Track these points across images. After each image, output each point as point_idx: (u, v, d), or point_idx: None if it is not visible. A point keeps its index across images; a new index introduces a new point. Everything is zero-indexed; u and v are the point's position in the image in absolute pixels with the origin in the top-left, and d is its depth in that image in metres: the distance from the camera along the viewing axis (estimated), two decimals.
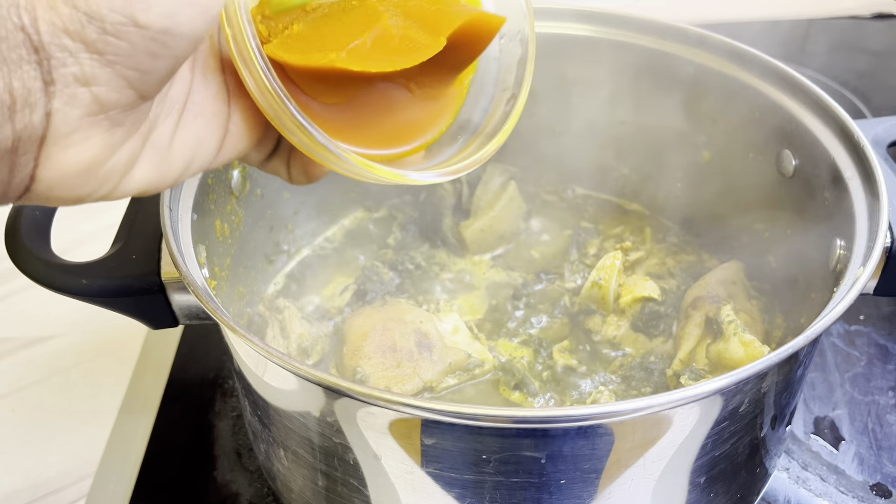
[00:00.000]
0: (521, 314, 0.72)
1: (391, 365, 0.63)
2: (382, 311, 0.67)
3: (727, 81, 0.70)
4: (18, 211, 0.58)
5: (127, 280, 0.55)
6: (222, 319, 0.47)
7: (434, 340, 0.65)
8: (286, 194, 0.77)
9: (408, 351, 0.63)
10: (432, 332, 0.65)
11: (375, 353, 0.63)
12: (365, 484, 0.52)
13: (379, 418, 0.46)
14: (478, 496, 0.49)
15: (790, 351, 0.45)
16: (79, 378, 0.79)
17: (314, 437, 0.52)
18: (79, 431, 0.73)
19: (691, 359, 0.64)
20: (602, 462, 0.47)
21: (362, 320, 0.67)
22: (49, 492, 0.69)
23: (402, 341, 0.64)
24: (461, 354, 0.65)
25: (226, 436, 0.71)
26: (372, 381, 0.62)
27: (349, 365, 0.64)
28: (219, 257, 0.65)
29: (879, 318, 0.81)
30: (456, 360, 0.65)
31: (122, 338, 0.81)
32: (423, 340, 0.64)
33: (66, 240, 0.93)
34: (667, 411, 0.45)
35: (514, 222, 0.78)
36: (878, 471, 0.68)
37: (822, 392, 0.74)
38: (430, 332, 0.65)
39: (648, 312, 0.68)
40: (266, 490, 0.67)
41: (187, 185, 0.60)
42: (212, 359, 0.78)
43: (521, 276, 0.76)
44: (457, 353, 0.65)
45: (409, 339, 0.64)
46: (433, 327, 0.66)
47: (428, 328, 0.65)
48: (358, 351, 0.64)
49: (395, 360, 0.63)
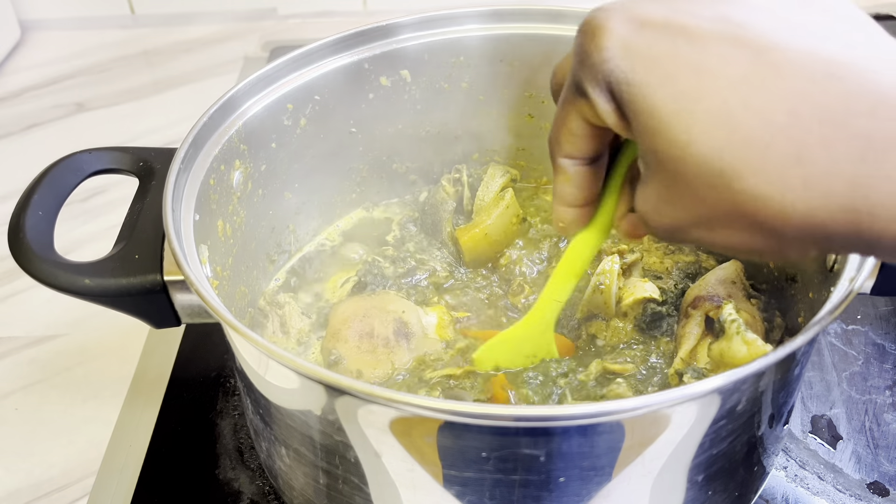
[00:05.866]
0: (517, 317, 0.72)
1: (366, 350, 0.65)
2: (368, 300, 0.70)
3: None
4: (21, 211, 0.59)
5: (129, 280, 0.55)
6: (224, 319, 0.48)
7: (414, 330, 0.67)
8: (287, 195, 0.77)
9: (384, 338, 0.65)
10: (413, 323, 0.67)
11: (353, 338, 0.66)
12: (366, 481, 0.52)
13: (380, 416, 0.46)
14: (478, 493, 0.49)
15: (788, 350, 0.46)
16: (81, 377, 0.79)
17: (315, 435, 0.52)
18: (81, 430, 0.74)
19: (692, 358, 0.64)
20: (601, 460, 0.47)
21: (346, 307, 0.69)
22: (52, 490, 0.69)
23: (380, 328, 0.66)
24: (437, 345, 0.67)
25: (227, 434, 0.72)
26: (345, 362, 0.64)
27: (326, 347, 0.66)
28: (221, 257, 0.65)
29: (876, 318, 0.81)
30: (433, 351, 0.66)
31: (124, 337, 0.82)
32: (401, 329, 0.66)
33: (69, 240, 0.94)
34: (665, 410, 0.45)
35: (509, 229, 0.78)
36: (876, 469, 0.68)
37: (819, 391, 0.75)
38: (410, 321, 0.67)
39: (651, 313, 0.68)
40: (268, 488, 0.67)
41: (189, 186, 0.61)
42: (213, 358, 0.78)
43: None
44: (434, 343, 0.67)
45: (388, 326, 0.66)
46: (415, 318, 0.68)
47: (409, 318, 0.67)
48: (336, 334, 0.66)
49: (371, 345, 0.65)
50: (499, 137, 0.84)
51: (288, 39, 1.32)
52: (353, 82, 0.76)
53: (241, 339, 0.48)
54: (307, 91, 0.73)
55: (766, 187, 0.36)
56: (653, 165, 0.40)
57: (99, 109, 1.19)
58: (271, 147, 0.72)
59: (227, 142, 0.66)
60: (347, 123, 0.79)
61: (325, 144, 0.78)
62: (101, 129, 1.14)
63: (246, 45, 1.32)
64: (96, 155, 0.63)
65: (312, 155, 0.77)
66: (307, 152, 0.77)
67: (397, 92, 0.79)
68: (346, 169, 0.82)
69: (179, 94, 1.22)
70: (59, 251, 0.57)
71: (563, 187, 0.49)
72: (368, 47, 0.75)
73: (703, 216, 0.40)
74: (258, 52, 1.30)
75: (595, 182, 0.50)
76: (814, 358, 0.77)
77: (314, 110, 0.75)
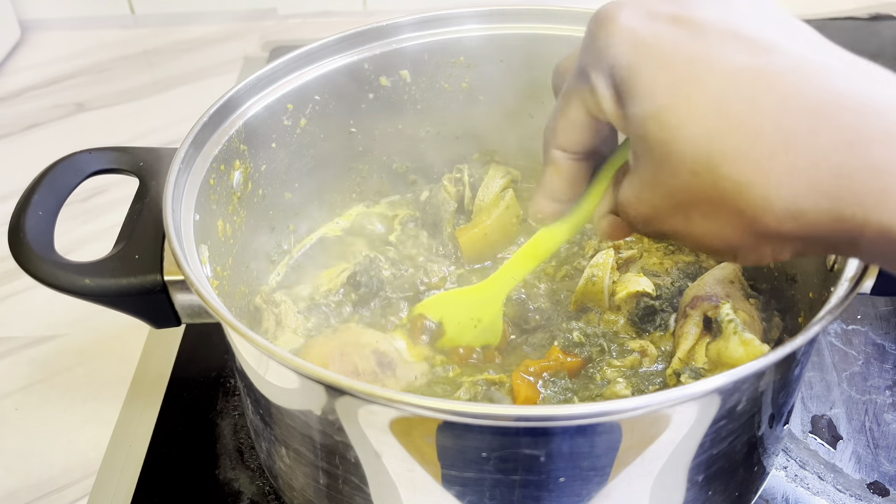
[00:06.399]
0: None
1: None
2: (335, 337, 0.67)
3: None
4: (21, 211, 0.59)
5: (130, 280, 0.55)
6: (225, 319, 0.48)
7: (393, 357, 0.65)
8: (287, 195, 0.77)
9: (371, 372, 0.63)
10: (390, 350, 0.65)
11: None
12: (366, 482, 0.52)
13: (380, 416, 0.46)
14: (478, 493, 0.49)
15: (788, 350, 0.46)
16: (81, 377, 0.79)
17: (315, 435, 0.52)
18: (81, 430, 0.74)
19: (690, 357, 0.64)
20: (601, 460, 0.47)
21: (318, 350, 0.66)
22: (52, 490, 0.69)
23: (362, 363, 0.64)
24: (421, 367, 0.67)
25: (228, 434, 0.72)
26: None
27: None
28: (221, 257, 0.65)
29: (876, 318, 0.81)
30: (420, 372, 0.66)
31: (124, 337, 0.82)
32: (382, 359, 0.64)
33: (69, 240, 0.94)
34: (665, 410, 0.45)
35: (509, 229, 0.78)
36: (876, 469, 0.68)
37: (819, 391, 0.75)
38: (387, 350, 0.65)
39: (644, 308, 0.69)
40: (268, 488, 0.67)
41: (189, 186, 0.61)
42: (214, 358, 0.78)
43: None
44: (417, 366, 0.66)
45: (370, 360, 0.64)
46: (389, 345, 0.66)
47: (385, 347, 0.65)
48: None
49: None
50: (499, 137, 0.84)
51: (288, 39, 1.32)
52: (353, 82, 0.76)
53: (241, 339, 0.48)
54: (307, 91, 0.73)
55: (751, 174, 0.37)
56: (641, 153, 0.42)
57: (99, 109, 1.19)
58: (271, 147, 0.72)
59: (227, 142, 0.66)
60: (347, 123, 0.79)
61: (325, 144, 0.78)
62: (101, 129, 1.14)
63: (246, 45, 1.32)
64: (96, 155, 0.63)
65: (312, 155, 0.77)
66: (307, 152, 0.77)
67: (397, 92, 0.79)
68: (346, 169, 0.82)
69: (179, 94, 1.22)
70: (59, 251, 0.57)
71: (552, 179, 0.51)
72: (368, 47, 0.75)
73: (683, 203, 0.41)
74: (258, 52, 1.30)
75: (581, 180, 0.51)
76: (814, 358, 0.77)
77: (314, 110, 0.75)
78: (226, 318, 0.48)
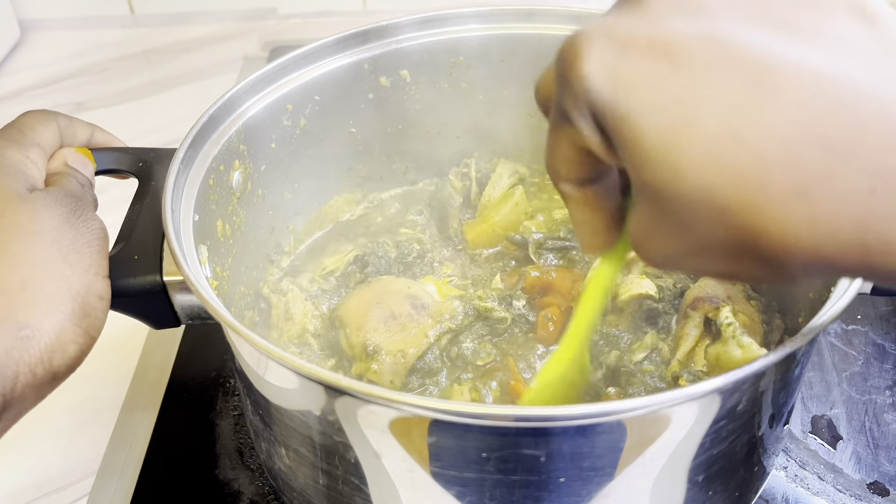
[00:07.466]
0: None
1: (397, 330, 0.66)
2: (370, 288, 0.70)
3: None
4: None
5: (129, 280, 0.55)
6: (224, 319, 0.48)
7: (425, 300, 0.68)
8: (287, 195, 0.77)
9: (407, 314, 0.67)
10: (422, 293, 0.69)
11: (379, 325, 0.66)
12: (366, 482, 0.52)
13: (380, 417, 0.46)
14: (478, 494, 0.49)
15: (788, 350, 0.46)
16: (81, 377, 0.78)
17: (315, 435, 0.52)
18: (81, 430, 0.74)
19: (690, 359, 0.64)
20: (601, 460, 0.47)
21: (355, 301, 0.69)
22: (51, 490, 0.69)
23: (398, 307, 0.67)
24: (452, 304, 0.69)
25: (227, 434, 0.72)
26: (384, 349, 0.64)
27: (357, 343, 0.66)
28: (220, 257, 0.65)
29: (876, 318, 0.81)
30: (451, 311, 0.68)
31: (123, 337, 0.82)
32: (416, 302, 0.68)
33: None
34: (665, 410, 0.45)
35: (517, 226, 0.78)
36: (876, 469, 0.68)
37: (819, 391, 0.75)
38: (419, 293, 0.69)
39: (646, 310, 0.69)
40: (267, 488, 0.67)
41: (189, 186, 0.61)
42: (213, 358, 0.78)
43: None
44: (447, 303, 0.69)
45: (404, 303, 0.67)
46: (421, 290, 0.70)
47: (416, 291, 0.69)
48: (362, 327, 0.66)
49: (399, 325, 0.66)
50: (499, 137, 0.84)
51: (288, 39, 1.32)
52: (353, 82, 0.76)
53: (240, 339, 0.48)
54: (307, 91, 0.73)
55: (766, 224, 0.33)
56: (642, 196, 0.38)
57: (99, 109, 1.19)
58: (271, 147, 0.72)
59: (227, 142, 0.66)
60: (347, 123, 0.79)
61: (325, 144, 0.78)
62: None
63: (246, 45, 1.32)
64: (96, 155, 0.62)
65: (312, 155, 0.77)
66: (307, 152, 0.77)
67: (397, 92, 0.79)
68: (346, 169, 0.82)
69: (179, 94, 1.22)
70: None
71: (578, 212, 0.45)
72: (368, 47, 0.75)
73: (696, 248, 0.37)
74: (258, 52, 1.30)
75: (609, 198, 0.45)
76: (814, 358, 0.77)
77: (314, 110, 0.75)
78: (225, 318, 0.48)
